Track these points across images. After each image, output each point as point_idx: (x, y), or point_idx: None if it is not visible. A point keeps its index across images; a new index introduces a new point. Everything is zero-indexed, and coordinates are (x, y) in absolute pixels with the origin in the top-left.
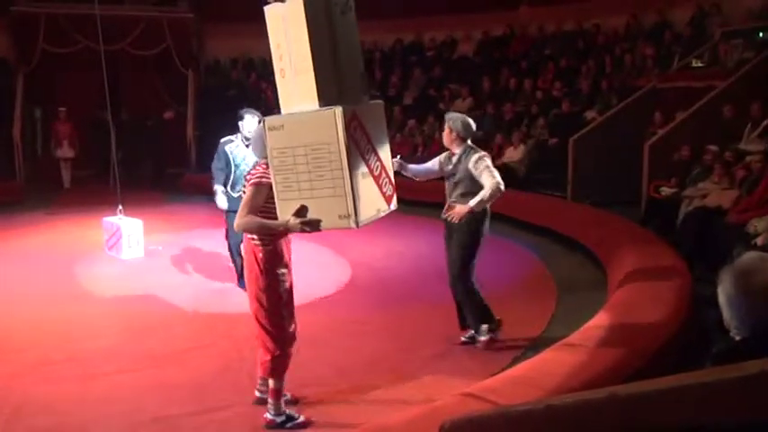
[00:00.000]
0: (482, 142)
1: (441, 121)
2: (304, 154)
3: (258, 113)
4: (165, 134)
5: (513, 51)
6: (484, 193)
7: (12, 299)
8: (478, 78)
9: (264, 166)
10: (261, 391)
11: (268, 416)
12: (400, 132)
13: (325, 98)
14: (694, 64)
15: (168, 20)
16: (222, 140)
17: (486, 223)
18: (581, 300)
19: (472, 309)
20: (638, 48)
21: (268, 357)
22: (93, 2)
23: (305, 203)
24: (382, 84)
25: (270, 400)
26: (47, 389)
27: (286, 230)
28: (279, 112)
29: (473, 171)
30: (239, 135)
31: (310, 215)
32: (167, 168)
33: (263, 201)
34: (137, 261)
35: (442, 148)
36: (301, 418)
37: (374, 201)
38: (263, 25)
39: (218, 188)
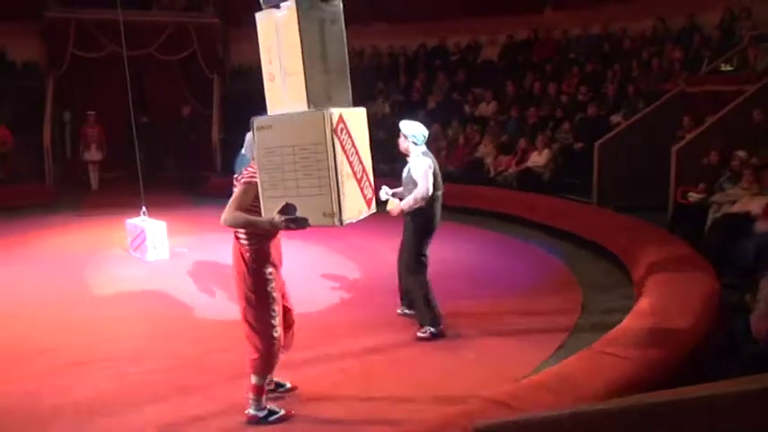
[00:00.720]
0: (506, 146)
1: (465, 125)
2: (291, 153)
3: None
4: (189, 136)
5: (538, 55)
6: (414, 195)
7: (42, 300)
8: (503, 82)
9: (255, 168)
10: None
11: (250, 411)
12: None
13: (315, 101)
14: (723, 68)
15: (195, 25)
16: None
17: (436, 220)
18: (606, 306)
19: (418, 299)
20: (665, 51)
21: (256, 355)
22: (124, 8)
23: (290, 201)
24: (406, 88)
25: (251, 396)
26: (81, 389)
27: (271, 227)
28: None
29: (413, 172)
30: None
31: (293, 213)
32: (194, 171)
33: (252, 200)
34: (163, 263)
35: (467, 153)
36: (282, 412)
37: (357, 202)
38: None
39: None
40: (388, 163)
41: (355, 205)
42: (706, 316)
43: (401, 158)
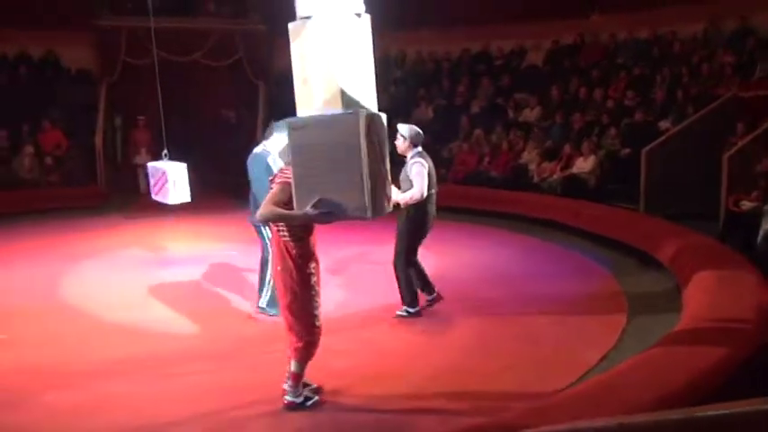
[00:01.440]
0: (551, 152)
1: (509, 130)
2: (324, 151)
3: None
4: (233, 141)
5: (584, 60)
6: (410, 194)
7: (90, 300)
8: (547, 87)
9: (288, 168)
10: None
11: (288, 398)
12: (467, 141)
13: (348, 103)
14: None
15: (241, 32)
16: (257, 152)
17: (429, 218)
18: (653, 317)
19: (404, 286)
20: (716, 55)
21: (300, 344)
22: (172, 15)
23: (322, 196)
24: (449, 93)
25: (290, 383)
26: (125, 388)
27: (304, 220)
28: None
29: (409, 173)
30: (271, 146)
31: (326, 207)
32: (238, 176)
33: (287, 199)
34: (211, 263)
35: (510, 159)
36: (317, 398)
37: (381, 198)
38: None
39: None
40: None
41: (381, 201)
42: (757, 329)
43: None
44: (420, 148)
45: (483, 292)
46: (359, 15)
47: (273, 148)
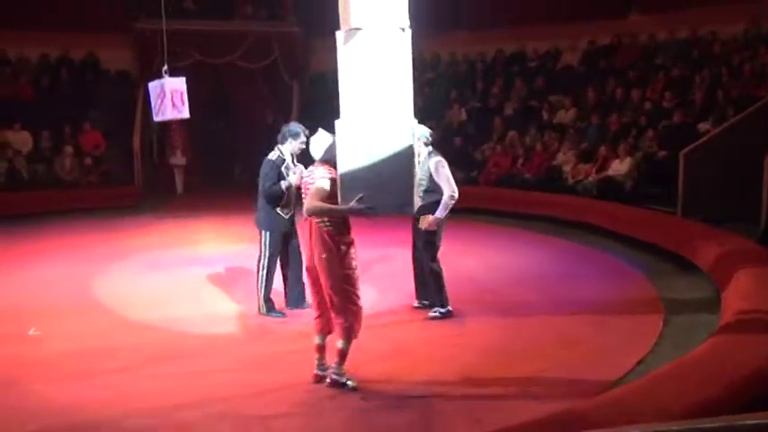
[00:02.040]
0: (586, 154)
1: (543, 132)
2: (372, 152)
3: (305, 130)
4: (270, 142)
5: (621, 61)
6: (443, 202)
7: (121, 299)
8: (583, 89)
9: (326, 166)
10: (321, 368)
11: (333, 375)
12: (501, 143)
13: (396, 110)
14: None
15: (277, 34)
16: (272, 159)
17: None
18: (690, 321)
19: (435, 287)
20: (758, 55)
21: (347, 324)
22: (208, 18)
23: (367, 193)
24: (483, 95)
25: (336, 361)
26: (150, 386)
27: (349, 214)
28: None
29: (433, 172)
30: (286, 151)
31: (371, 203)
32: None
33: (330, 194)
34: (241, 264)
35: (544, 160)
36: (356, 384)
37: (416, 195)
38: None
39: (283, 183)
40: (464, 170)
41: (416, 198)
42: None
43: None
44: (431, 147)
45: (517, 294)
46: (403, 30)
47: (288, 154)
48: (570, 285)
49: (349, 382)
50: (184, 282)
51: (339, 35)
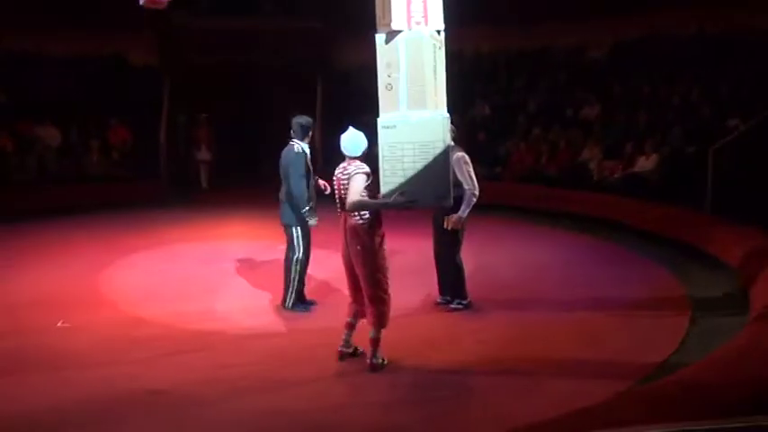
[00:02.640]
0: (612, 150)
1: (567, 128)
2: (412, 148)
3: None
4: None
5: (648, 56)
6: (466, 200)
7: (145, 292)
8: (608, 84)
9: (357, 161)
10: (346, 345)
11: (372, 361)
12: (524, 139)
13: (432, 107)
14: None
15: (300, 30)
16: (297, 151)
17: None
18: (718, 320)
19: (456, 281)
20: None
21: (378, 312)
22: (232, 15)
23: (407, 187)
24: (507, 90)
25: (371, 348)
26: (178, 376)
27: (389, 208)
28: None
29: (455, 167)
30: (301, 144)
31: (411, 197)
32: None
33: (364, 188)
34: (264, 258)
35: (569, 157)
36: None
37: (452, 188)
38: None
39: (309, 210)
40: (487, 166)
41: (452, 190)
42: None
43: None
44: (453, 143)
45: (541, 291)
46: (438, 32)
47: (307, 146)
48: (595, 282)
49: (385, 364)
50: (208, 275)
51: (378, 37)
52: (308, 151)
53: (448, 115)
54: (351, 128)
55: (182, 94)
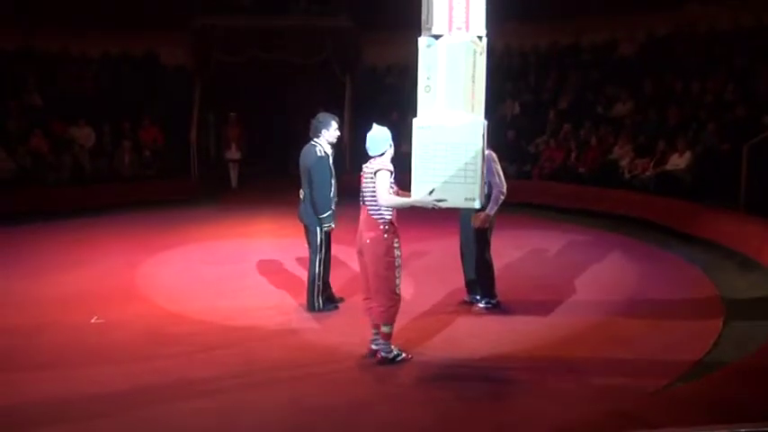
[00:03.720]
0: (644, 148)
1: (598, 125)
2: (445, 149)
3: (335, 117)
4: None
5: (680, 52)
6: (493, 199)
7: (182, 288)
8: (640, 81)
9: (382, 159)
10: (376, 343)
11: (381, 354)
12: (554, 137)
13: (468, 111)
14: None
15: (330, 29)
16: (320, 154)
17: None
18: (752, 322)
19: (486, 280)
20: None
21: (383, 308)
22: (262, 14)
23: (437, 187)
24: (536, 87)
25: (382, 342)
26: (209, 372)
27: (420, 205)
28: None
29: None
30: (322, 143)
31: (440, 196)
32: None
33: (389, 184)
34: (294, 256)
35: (599, 154)
36: (403, 355)
37: (482, 191)
38: (416, 32)
39: (330, 215)
40: (513, 163)
41: (483, 193)
42: None
43: (527, 161)
44: None
45: (570, 290)
46: (480, 38)
47: (328, 147)
48: (626, 282)
49: (399, 357)
50: (238, 273)
51: (421, 40)
52: (329, 152)
53: (485, 120)
54: (375, 125)
55: (212, 93)
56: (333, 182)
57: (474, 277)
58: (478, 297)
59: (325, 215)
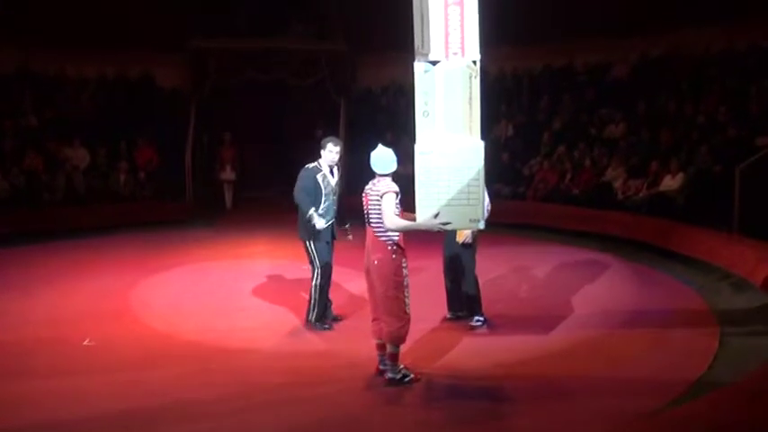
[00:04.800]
0: (637, 169)
1: (592, 147)
2: (447, 173)
3: (336, 140)
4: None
5: (673, 73)
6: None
7: (177, 310)
8: (633, 103)
9: (387, 179)
10: (383, 364)
11: (389, 375)
12: (548, 159)
13: (466, 134)
14: None
15: (325, 52)
16: (309, 167)
17: None
18: (747, 343)
19: (474, 297)
20: None
21: (392, 328)
22: (259, 37)
23: (441, 210)
24: (530, 109)
25: (389, 363)
26: (204, 395)
27: (425, 229)
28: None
29: None
30: (320, 163)
31: (444, 219)
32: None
33: (395, 206)
34: (288, 276)
35: (593, 176)
36: (411, 375)
37: (485, 212)
38: (410, 54)
39: (314, 212)
40: (510, 185)
41: (484, 213)
42: None
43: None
44: None
45: (565, 311)
46: (474, 62)
47: (325, 165)
48: (620, 302)
49: (406, 378)
50: (234, 294)
51: (417, 65)
52: (322, 168)
53: (482, 142)
54: (380, 146)
55: (207, 115)
56: (324, 198)
57: (467, 294)
58: (461, 314)
59: (309, 213)
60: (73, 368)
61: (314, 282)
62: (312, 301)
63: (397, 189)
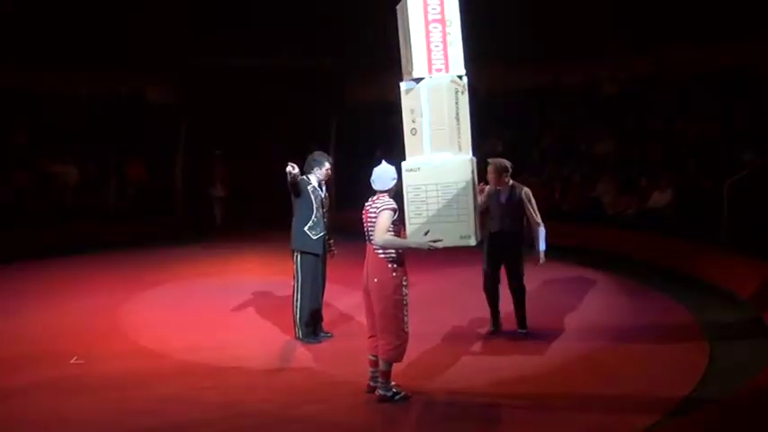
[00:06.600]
0: (626, 185)
1: (582, 163)
2: (435, 189)
3: (329, 157)
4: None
5: (661, 91)
6: (541, 233)
7: (167, 326)
8: (622, 119)
9: (386, 196)
10: (374, 380)
11: (380, 392)
12: (537, 176)
13: (455, 150)
14: None
15: (316, 69)
16: (301, 178)
17: None
18: (736, 357)
19: (523, 307)
20: None
21: (390, 347)
22: (250, 55)
23: (432, 228)
24: (519, 127)
25: (382, 380)
26: (195, 414)
27: (417, 247)
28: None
29: (526, 202)
30: (312, 177)
31: (435, 236)
32: None
33: (390, 224)
34: (277, 292)
35: (583, 192)
36: (402, 393)
37: (479, 228)
38: (399, 72)
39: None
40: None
41: (479, 230)
42: None
43: None
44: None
45: (557, 327)
46: (460, 77)
47: (314, 180)
48: (610, 318)
49: (398, 396)
50: (223, 311)
51: (402, 84)
52: (312, 182)
53: (473, 157)
54: (383, 162)
55: (197, 132)
56: (315, 211)
57: (519, 308)
58: (500, 326)
59: (307, 230)
60: (60, 386)
61: (294, 296)
62: (295, 318)
63: (395, 206)
